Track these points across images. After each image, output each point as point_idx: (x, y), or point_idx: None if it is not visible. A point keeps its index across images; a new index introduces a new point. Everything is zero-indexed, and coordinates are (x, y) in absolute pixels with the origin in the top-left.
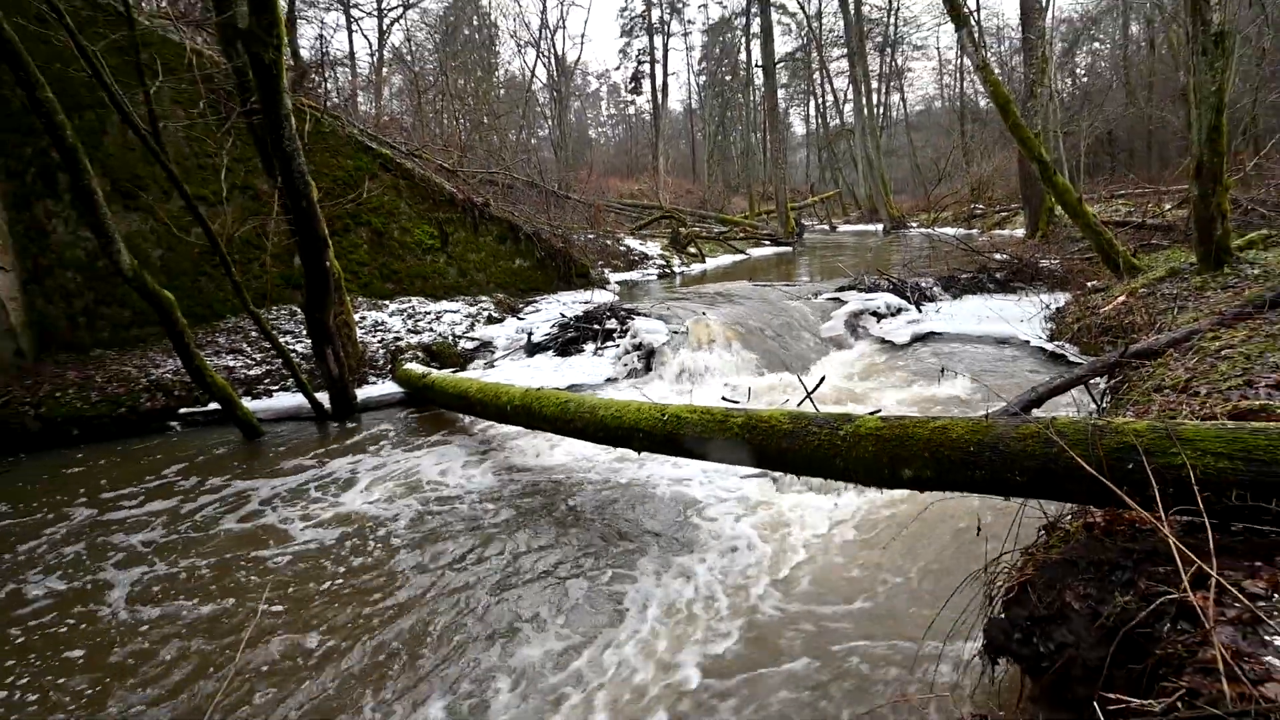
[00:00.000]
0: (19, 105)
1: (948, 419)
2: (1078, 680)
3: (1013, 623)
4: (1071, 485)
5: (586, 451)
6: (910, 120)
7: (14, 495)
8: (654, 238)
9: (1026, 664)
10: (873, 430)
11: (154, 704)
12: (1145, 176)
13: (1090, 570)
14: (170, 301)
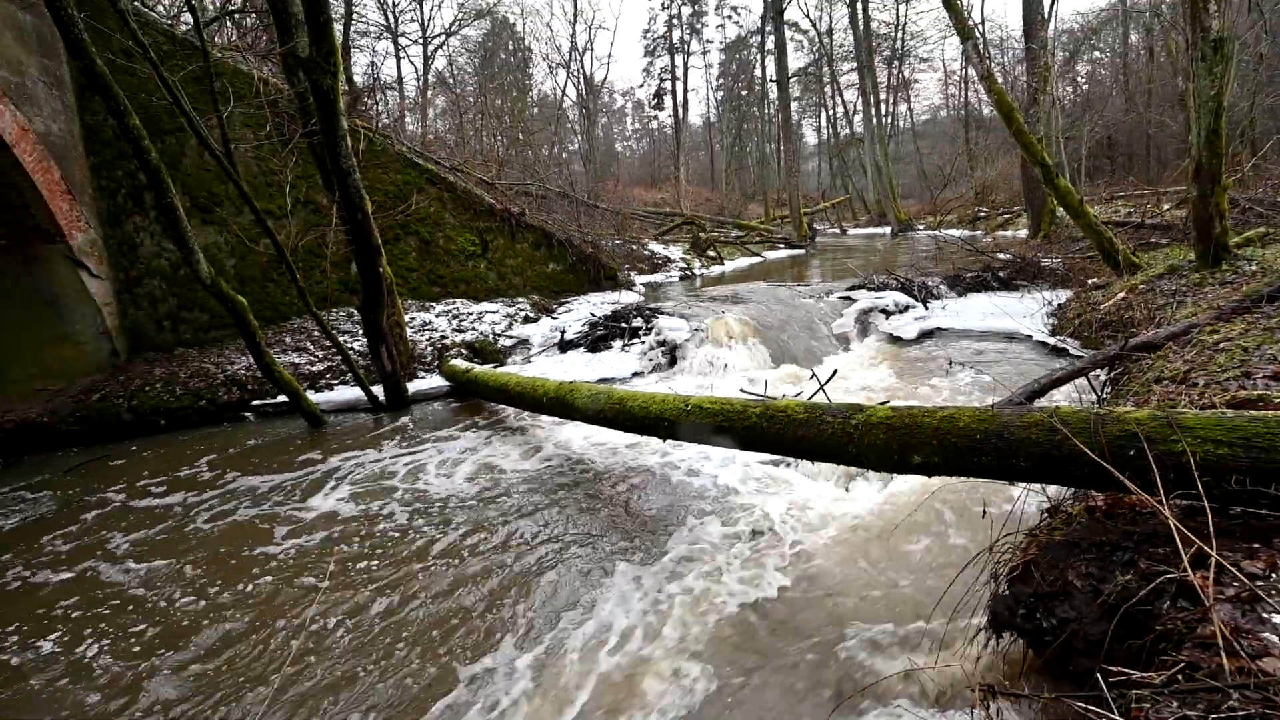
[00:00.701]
0: (110, 133)
1: (954, 408)
2: (1079, 653)
3: (1017, 599)
4: (1074, 470)
5: (616, 439)
6: (917, 129)
7: (117, 475)
8: (676, 242)
9: (1030, 638)
10: (883, 419)
11: (260, 626)
12: (1144, 178)
13: (1092, 551)
14: (243, 305)
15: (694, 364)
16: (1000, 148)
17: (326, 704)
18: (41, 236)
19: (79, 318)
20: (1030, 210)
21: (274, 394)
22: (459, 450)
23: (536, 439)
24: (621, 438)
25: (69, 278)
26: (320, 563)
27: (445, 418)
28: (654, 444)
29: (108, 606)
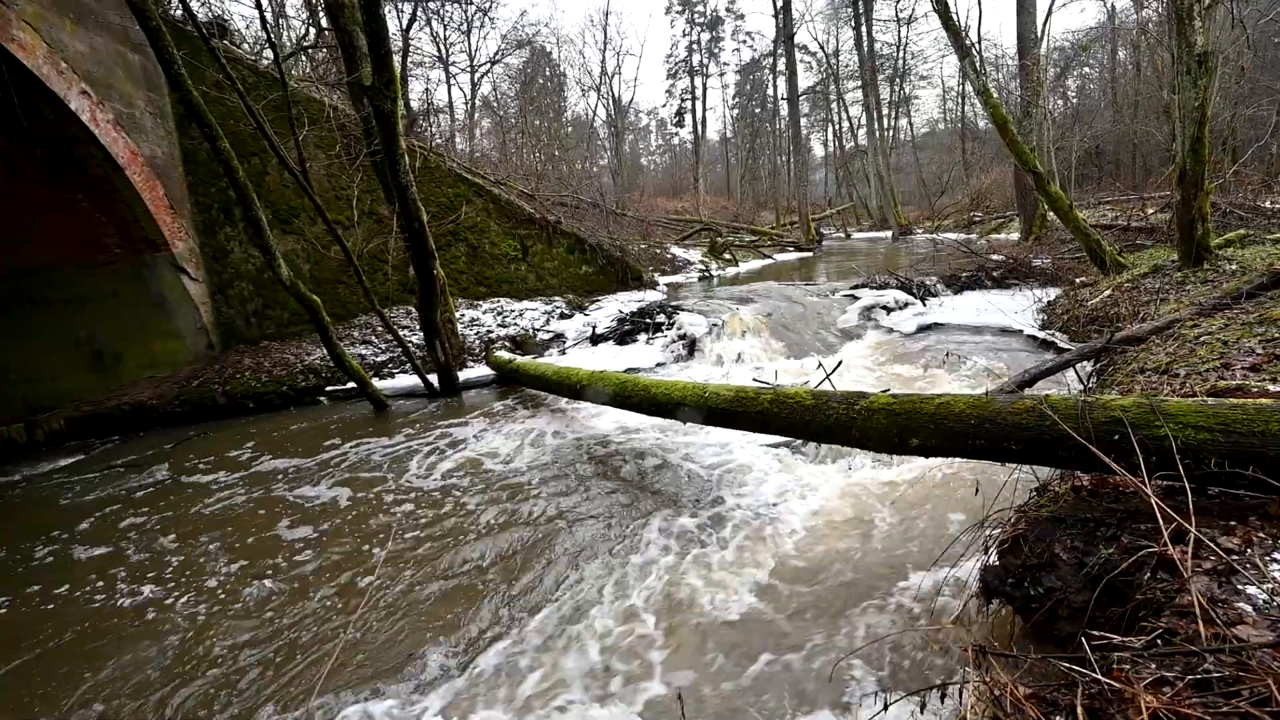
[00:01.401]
0: (204, 155)
1: (950, 395)
2: (1063, 619)
3: (1006, 569)
4: (1062, 453)
5: (642, 421)
6: (916, 141)
7: (213, 448)
8: (695, 246)
9: (1017, 604)
10: (884, 405)
11: (336, 569)
12: (1130, 184)
13: (1077, 526)
14: (317, 304)
15: (711, 356)
16: (994, 157)
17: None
18: (149, 246)
19: (181, 315)
20: (1022, 215)
21: (344, 381)
22: (504, 429)
23: (571, 421)
24: (647, 421)
25: (173, 281)
26: (389, 516)
27: (491, 402)
28: (676, 426)
29: (209, 545)
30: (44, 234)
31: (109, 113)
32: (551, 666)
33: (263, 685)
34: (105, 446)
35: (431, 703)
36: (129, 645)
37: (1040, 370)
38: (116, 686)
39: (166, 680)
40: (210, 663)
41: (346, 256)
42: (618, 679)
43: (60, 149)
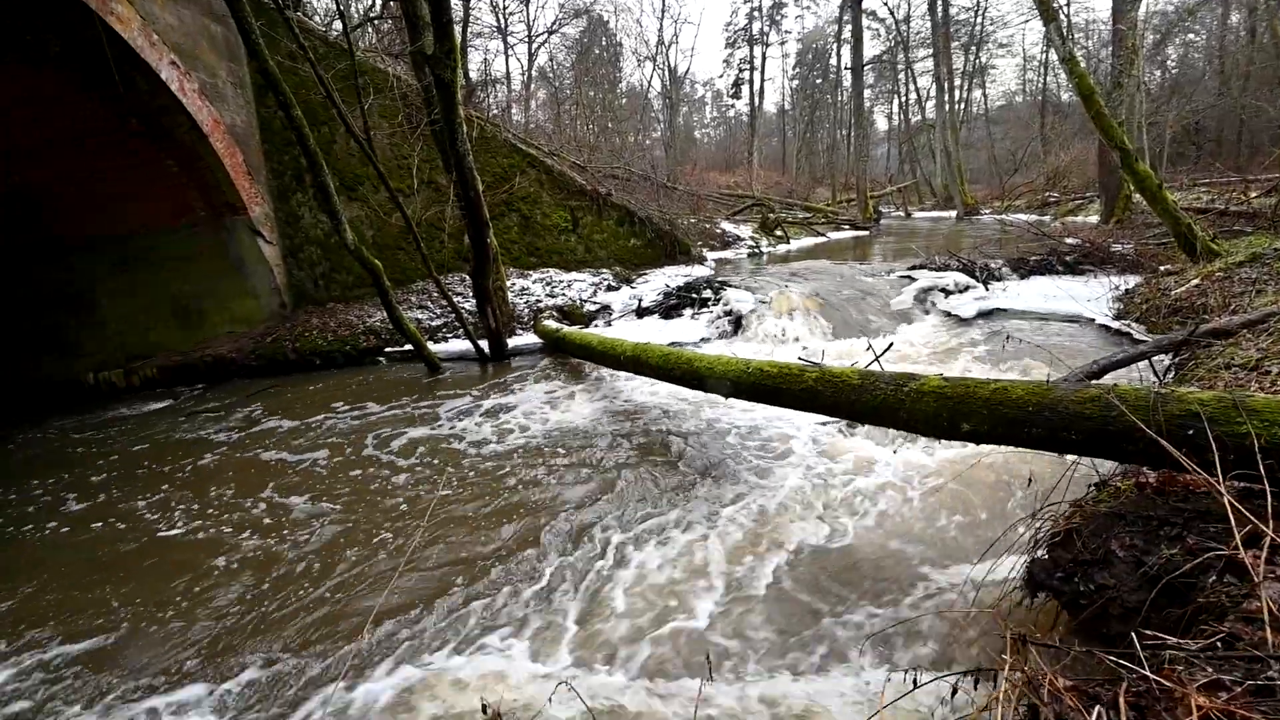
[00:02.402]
0: (278, 124)
1: (1008, 381)
2: (1114, 619)
3: (1055, 563)
4: (1128, 446)
5: (683, 394)
6: (990, 114)
7: (285, 398)
8: (746, 222)
9: (1065, 600)
10: (935, 388)
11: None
12: (1232, 165)
13: (1139, 524)
14: (379, 268)
15: (757, 333)
16: (1076, 133)
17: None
18: (230, 210)
19: (257, 276)
20: (1104, 196)
21: (402, 343)
22: (550, 395)
23: (613, 391)
24: (689, 394)
25: (250, 244)
26: (441, 467)
27: (539, 368)
28: (719, 401)
29: (283, 481)
30: (142, 200)
31: (195, 83)
32: (587, 618)
33: (326, 604)
34: (192, 393)
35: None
36: (203, 562)
37: (1111, 361)
38: (192, 598)
39: (240, 595)
40: (284, 580)
41: (407, 223)
42: (665, 635)
43: (152, 118)
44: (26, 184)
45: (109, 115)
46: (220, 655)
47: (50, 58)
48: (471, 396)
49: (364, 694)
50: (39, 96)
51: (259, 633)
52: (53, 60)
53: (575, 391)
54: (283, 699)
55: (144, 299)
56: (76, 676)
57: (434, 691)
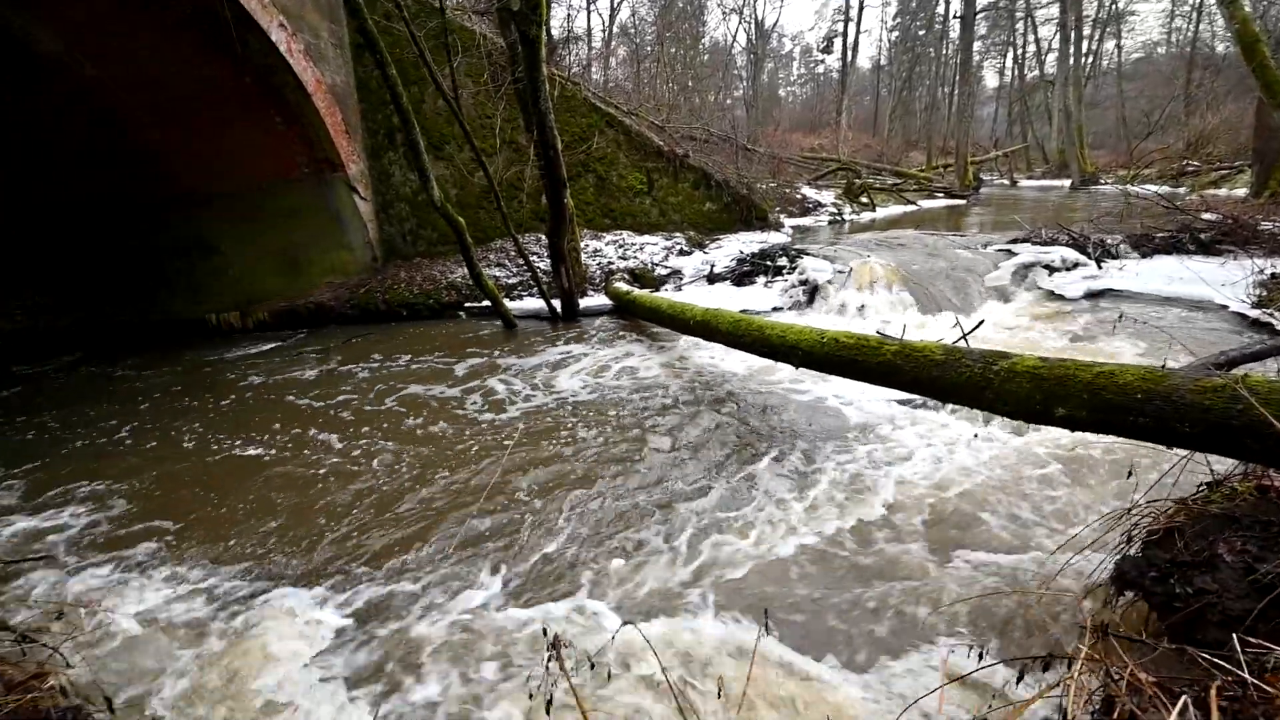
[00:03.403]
0: (374, 84)
1: (1115, 365)
2: (1212, 625)
3: (1149, 562)
4: (1252, 444)
5: (752, 362)
6: (1124, 68)
7: (377, 345)
8: (829, 187)
9: (1156, 601)
10: (1029, 368)
11: (464, 457)
12: None
13: (1255, 529)
14: (463, 225)
15: (833, 304)
16: (1230, 91)
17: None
18: (330, 167)
19: (353, 231)
20: (1258, 165)
21: (480, 299)
22: (620, 355)
23: (681, 355)
24: (758, 362)
25: (347, 200)
26: (514, 416)
27: (608, 329)
28: (786, 371)
29: (377, 420)
30: (253, 156)
31: (300, 43)
32: (633, 570)
33: (411, 527)
34: (296, 336)
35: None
36: (304, 486)
37: (1244, 353)
38: (241, 505)
39: (327, 514)
40: (380, 502)
41: (489, 182)
42: (720, 602)
43: (263, 78)
44: (162, 141)
45: (226, 75)
46: (320, 562)
47: (175, 22)
48: (544, 352)
49: (446, 610)
50: (170, 57)
51: (357, 544)
52: (181, 22)
53: (643, 353)
54: (385, 603)
55: (257, 249)
56: (219, 568)
57: (504, 616)
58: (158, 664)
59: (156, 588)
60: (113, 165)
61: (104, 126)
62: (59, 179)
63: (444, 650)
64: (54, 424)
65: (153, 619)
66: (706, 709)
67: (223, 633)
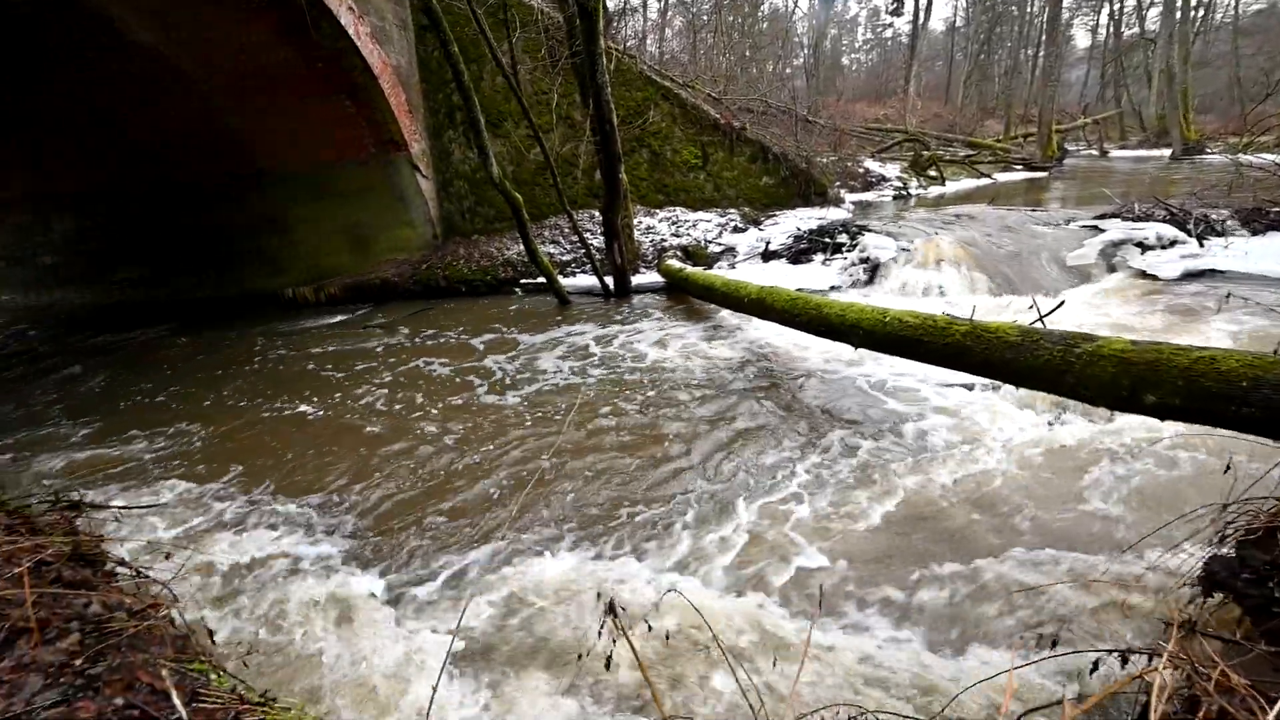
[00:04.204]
0: (434, 64)
1: (1218, 350)
2: None
3: (1244, 562)
4: None
5: (808, 342)
6: (1240, 21)
7: (438, 318)
8: (894, 160)
9: (1249, 605)
10: (1116, 352)
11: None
12: None
13: None
14: (520, 202)
15: (895, 284)
16: None
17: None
18: (394, 147)
19: (415, 208)
20: None
21: (534, 275)
22: (672, 332)
23: (734, 333)
24: (814, 342)
25: (410, 179)
26: (570, 389)
27: (660, 306)
28: (846, 352)
29: (436, 386)
30: (324, 138)
31: (367, 26)
32: (699, 539)
33: (469, 491)
34: (362, 310)
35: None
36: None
37: None
38: (321, 463)
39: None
40: (436, 462)
41: (545, 158)
42: (775, 579)
43: (333, 61)
44: (241, 124)
45: (299, 59)
46: (395, 517)
47: (257, 6)
48: (598, 327)
49: (500, 570)
50: (250, 44)
51: (420, 502)
52: (259, 8)
53: (695, 330)
54: (435, 561)
55: (328, 226)
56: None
57: (558, 578)
58: (250, 603)
59: (247, 533)
60: (199, 148)
61: (191, 112)
62: (152, 162)
63: (505, 598)
64: (147, 385)
65: (244, 561)
66: (763, 681)
67: (305, 575)
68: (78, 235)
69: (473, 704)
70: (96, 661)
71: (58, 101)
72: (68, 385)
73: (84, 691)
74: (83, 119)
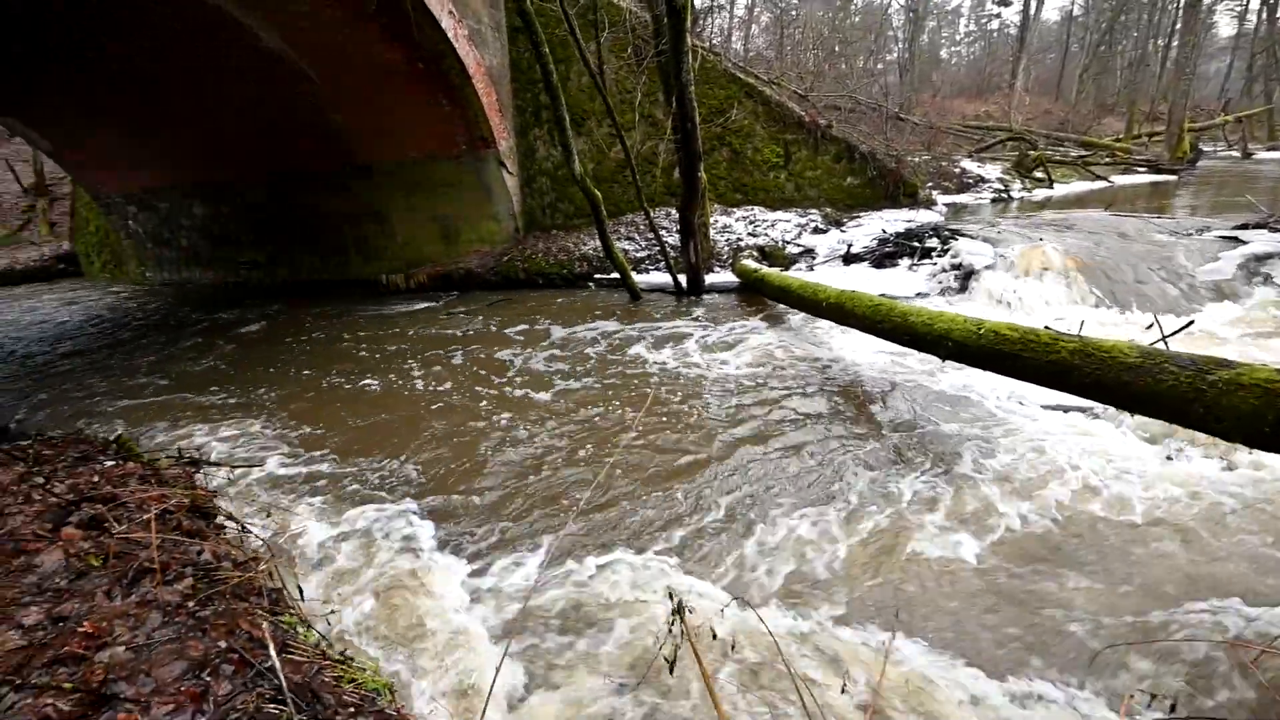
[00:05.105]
0: (524, 64)
1: None
2: None
3: None
4: None
5: (892, 351)
6: None
7: (518, 308)
8: (995, 160)
9: None
10: (1260, 381)
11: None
12: None
13: None
14: (599, 198)
15: (991, 293)
16: None
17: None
18: (483, 144)
19: (500, 203)
20: None
21: (609, 271)
22: (745, 332)
23: (811, 338)
24: (898, 351)
25: (496, 174)
26: (642, 386)
27: (733, 306)
28: (933, 363)
29: (512, 373)
30: (421, 134)
31: (465, 29)
32: (761, 552)
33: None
34: (448, 297)
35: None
36: (435, 420)
37: None
38: (406, 439)
39: (482, 446)
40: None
41: (626, 156)
42: (854, 598)
43: (432, 62)
44: (347, 120)
45: (402, 60)
46: (475, 498)
47: (366, 13)
48: (669, 323)
49: (565, 561)
50: (359, 47)
51: (492, 486)
52: (370, 14)
53: (769, 332)
54: (504, 545)
55: (420, 218)
56: (379, 483)
57: (626, 576)
58: (334, 565)
59: (337, 499)
60: (313, 144)
61: (306, 109)
62: (272, 157)
63: (570, 588)
64: (260, 358)
65: (332, 525)
66: (827, 700)
67: (385, 544)
68: (210, 221)
69: (531, 688)
70: (205, 605)
71: (198, 102)
72: (195, 355)
73: (194, 632)
74: (217, 117)
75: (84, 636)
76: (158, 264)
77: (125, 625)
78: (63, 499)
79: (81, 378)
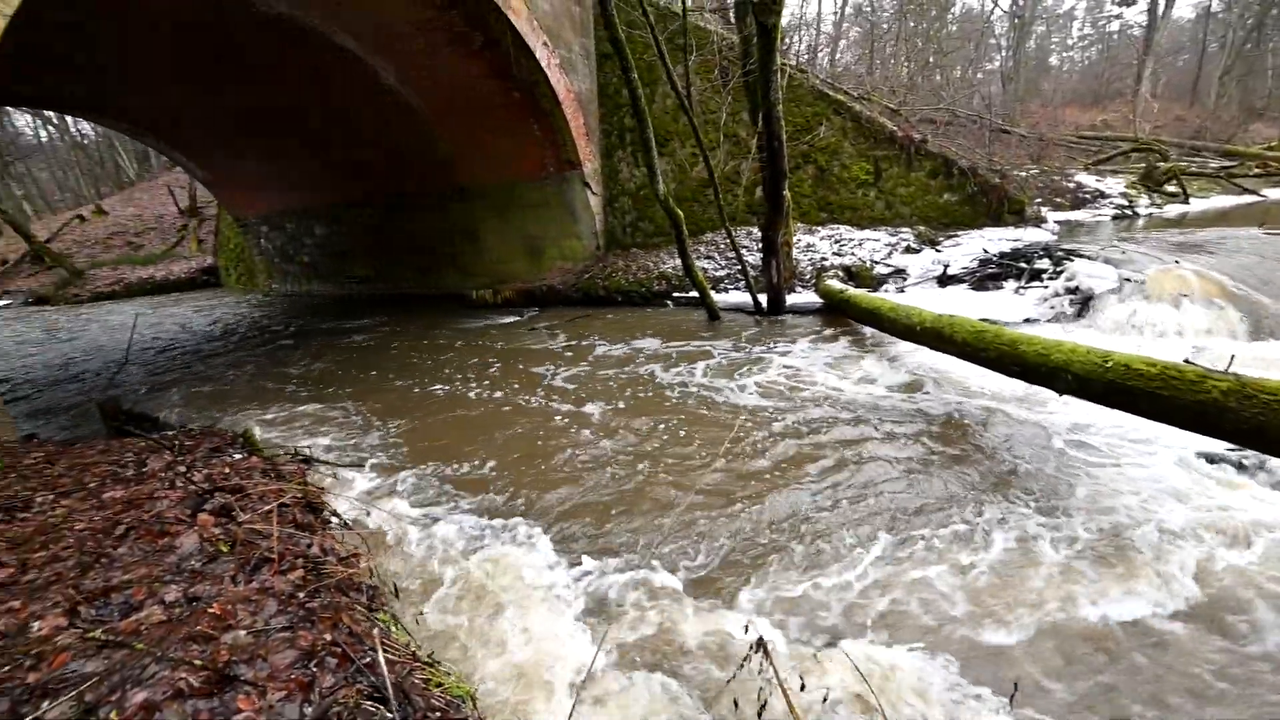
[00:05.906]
0: (611, 89)
1: None
2: None
3: None
4: None
5: (995, 384)
6: None
7: (597, 325)
8: (1116, 173)
9: None
10: None
11: (679, 444)
12: None
13: None
14: (681, 218)
15: (1115, 320)
16: None
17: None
18: (570, 166)
19: (584, 222)
20: None
21: (687, 290)
22: (829, 355)
23: (900, 361)
24: (1002, 384)
25: (581, 195)
26: (729, 411)
27: (815, 328)
28: (1045, 398)
29: (594, 386)
30: (514, 158)
31: (556, 58)
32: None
33: (621, 492)
34: (530, 312)
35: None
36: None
37: None
38: (494, 448)
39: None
40: (593, 459)
41: (710, 176)
42: (975, 646)
43: (527, 90)
44: (450, 146)
45: (500, 90)
46: (556, 509)
47: (473, 49)
48: (750, 345)
49: (651, 583)
50: (464, 81)
51: (578, 498)
52: (474, 52)
53: (854, 356)
54: (590, 560)
55: (509, 236)
56: (458, 487)
57: (703, 605)
58: (425, 567)
59: (432, 503)
60: (418, 168)
61: (419, 138)
62: (382, 180)
63: (653, 614)
64: (362, 364)
65: (426, 528)
66: None
67: (474, 548)
68: (329, 239)
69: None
70: (314, 597)
71: (324, 131)
72: (310, 360)
73: (304, 623)
74: (340, 146)
75: (212, 618)
76: (282, 277)
77: (247, 610)
78: (200, 487)
79: (221, 374)
